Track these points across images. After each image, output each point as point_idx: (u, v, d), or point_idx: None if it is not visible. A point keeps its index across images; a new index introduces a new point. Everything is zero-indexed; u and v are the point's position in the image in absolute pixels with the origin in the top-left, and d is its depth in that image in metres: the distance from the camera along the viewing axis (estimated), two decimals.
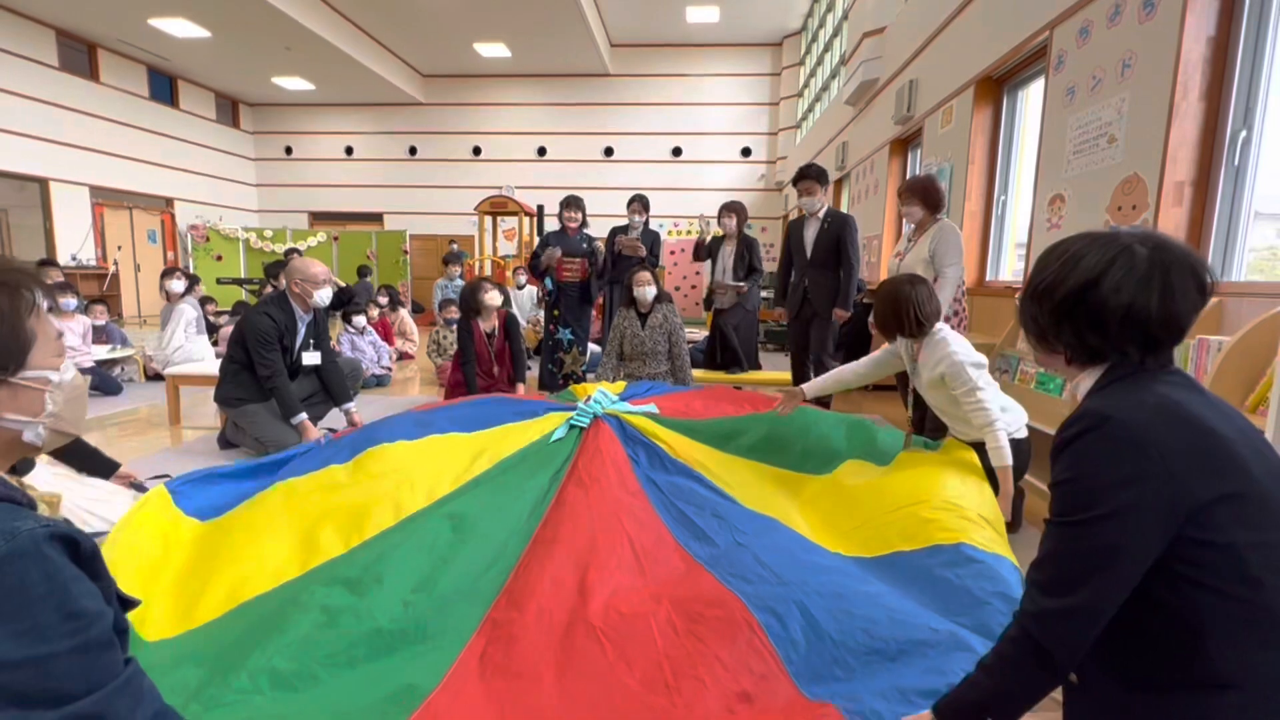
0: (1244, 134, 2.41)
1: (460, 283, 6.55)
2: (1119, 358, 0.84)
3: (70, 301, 4.87)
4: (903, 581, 1.61)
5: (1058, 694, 1.13)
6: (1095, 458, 0.77)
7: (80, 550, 0.67)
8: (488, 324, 4.02)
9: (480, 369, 3.97)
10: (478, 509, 1.92)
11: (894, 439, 2.36)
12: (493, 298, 3.93)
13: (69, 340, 4.69)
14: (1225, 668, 0.72)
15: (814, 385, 2.56)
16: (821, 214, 3.87)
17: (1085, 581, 0.76)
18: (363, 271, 9.54)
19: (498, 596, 1.59)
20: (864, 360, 2.59)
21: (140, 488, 2.25)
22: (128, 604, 0.74)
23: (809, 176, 3.81)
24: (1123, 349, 0.83)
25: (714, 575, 1.65)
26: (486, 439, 2.34)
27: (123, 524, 1.79)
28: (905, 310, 2.18)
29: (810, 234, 3.89)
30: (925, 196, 3.17)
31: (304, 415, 3.09)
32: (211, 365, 4.00)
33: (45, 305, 0.75)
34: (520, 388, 3.98)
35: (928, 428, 2.85)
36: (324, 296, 3.22)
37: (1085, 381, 0.89)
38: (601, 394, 2.69)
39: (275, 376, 3.07)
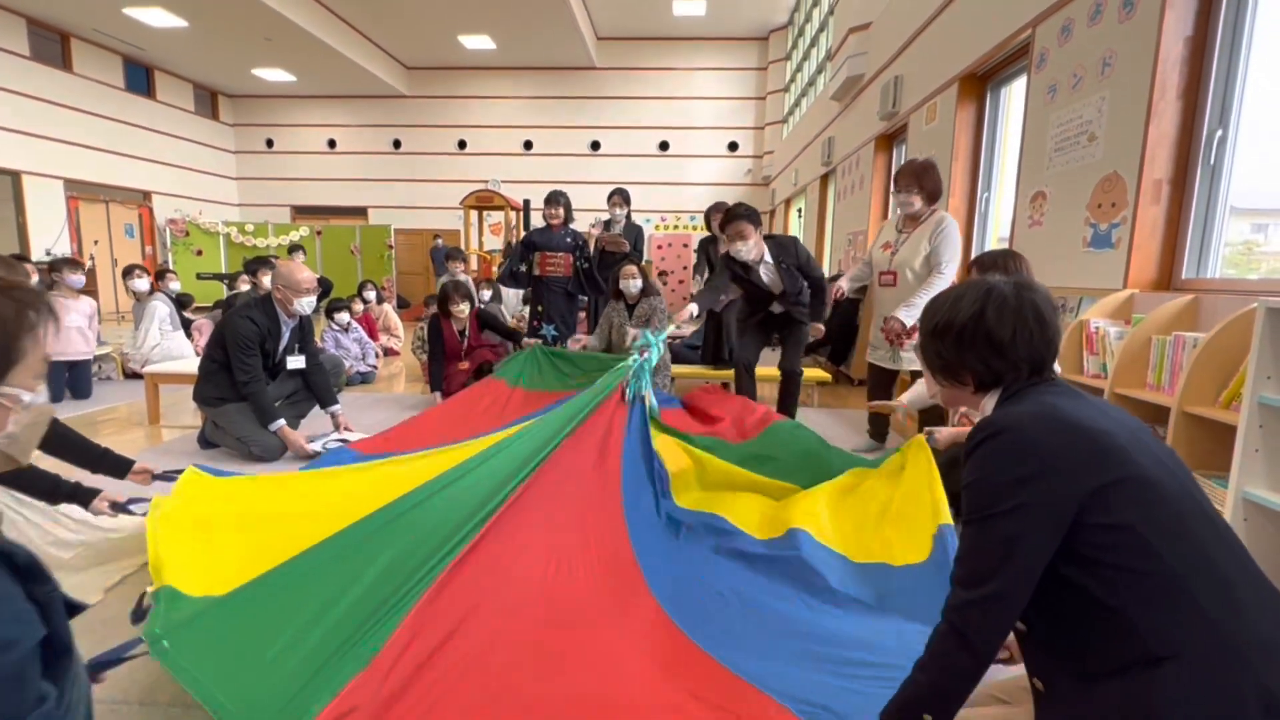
0: (1220, 133, 2.45)
1: (463, 279, 6.44)
2: (1014, 376, 0.99)
3: (77, 279, 4.73)
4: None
5: (1002, 693, 1.16)
6: (993, 462, 0.89)
7: (14, 562, 0.64)
8: (459, 324, 4.29)
9: (450, 361, 4.24)
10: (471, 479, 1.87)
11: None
12: (460, 310, 4.21)
13: (76, 321, 4.58)
14: (1154, 642, 0.79)
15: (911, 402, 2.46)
16: (766, 256, 3.26)
17: (995, 572, 0.86)
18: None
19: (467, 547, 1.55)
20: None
21: (168, 477, 2.19)
22: (73, 609, 0.71)
23: (740, 217, 3.14)
24: (1017, 367, 0.98)
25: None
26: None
27: (163, 500, 1.85)
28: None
29: (768, 277, 3.33)
30: (924, 183, 3.02)
31: (282, 421, 3.05)
32: (192, 363, 3.93)
33: (43, 331, 0.74)
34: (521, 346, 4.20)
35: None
36: (306, 305, 3.16)
37: (988, 404, 1.03)
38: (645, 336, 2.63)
39: (252, 383, 3.02)
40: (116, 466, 2.14)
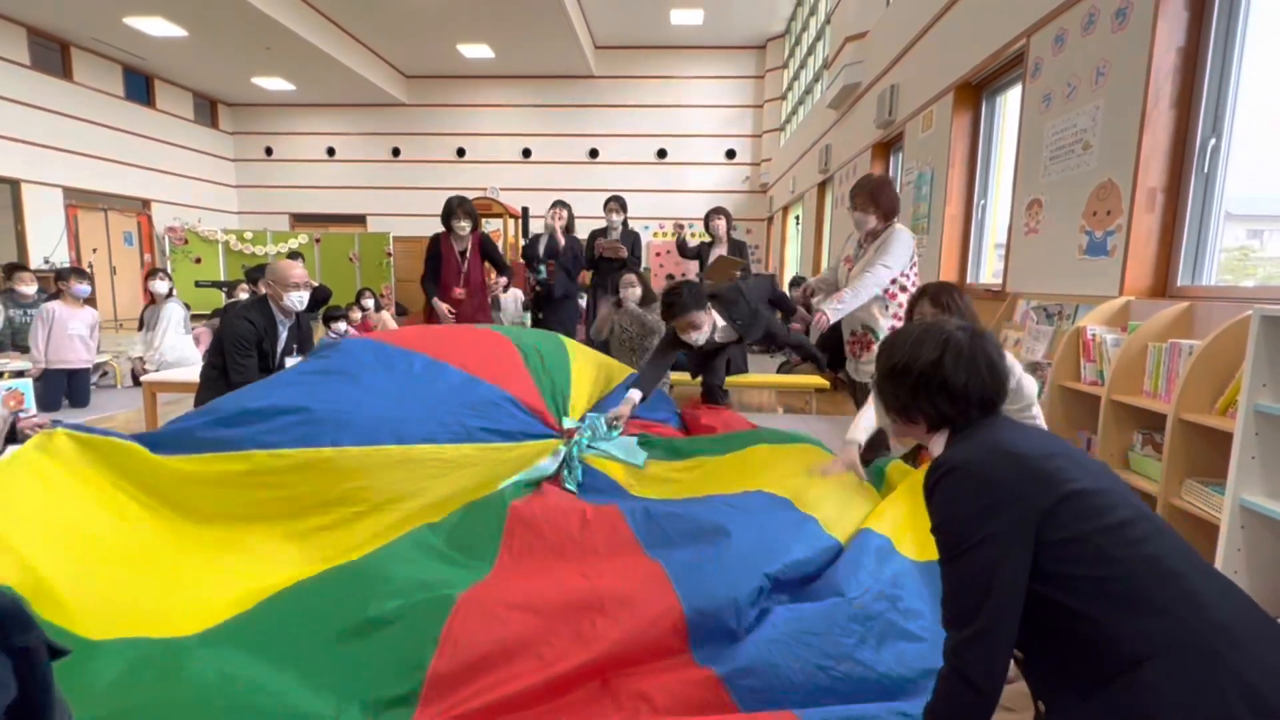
0: (1213, 141, 2.47)
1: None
2: (964, 419, 1.05)
3: (83, 288, 4.71)
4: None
5: (1006, 701, 1.17)
6: (954, 499, 0.95)
7: None
8: (460, 244, 4.08)
9: (446, 281, 4.08)
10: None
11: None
12: (461, 227, 4.04)
13: (78, 330, 4.57)
14: (1129, 643, 0.83)
15: (862, 431, 2.20)
16: (718, 321, 3.06)
17: (980, 607, 0.89)
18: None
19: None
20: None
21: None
22: (57, 654, 0.61)
23: (686, 309, 2.88)
24: (967, 412, 1.05)
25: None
26: (450, 465, 2.15)
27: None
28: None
29: (723, 336, 3.16)
30: (879, 201, 2.88)
31: None
32: (191, 370, 3.94)
33: None
34: (500, 281, 4.28)
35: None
36: (295, 300, 3.14)
37: (937, 443, 1.09)
38: (591, 420, 2.64)
39: (248, 384, 3.01)
40: None
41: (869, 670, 1.38)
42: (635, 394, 2.87)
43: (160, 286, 5.45)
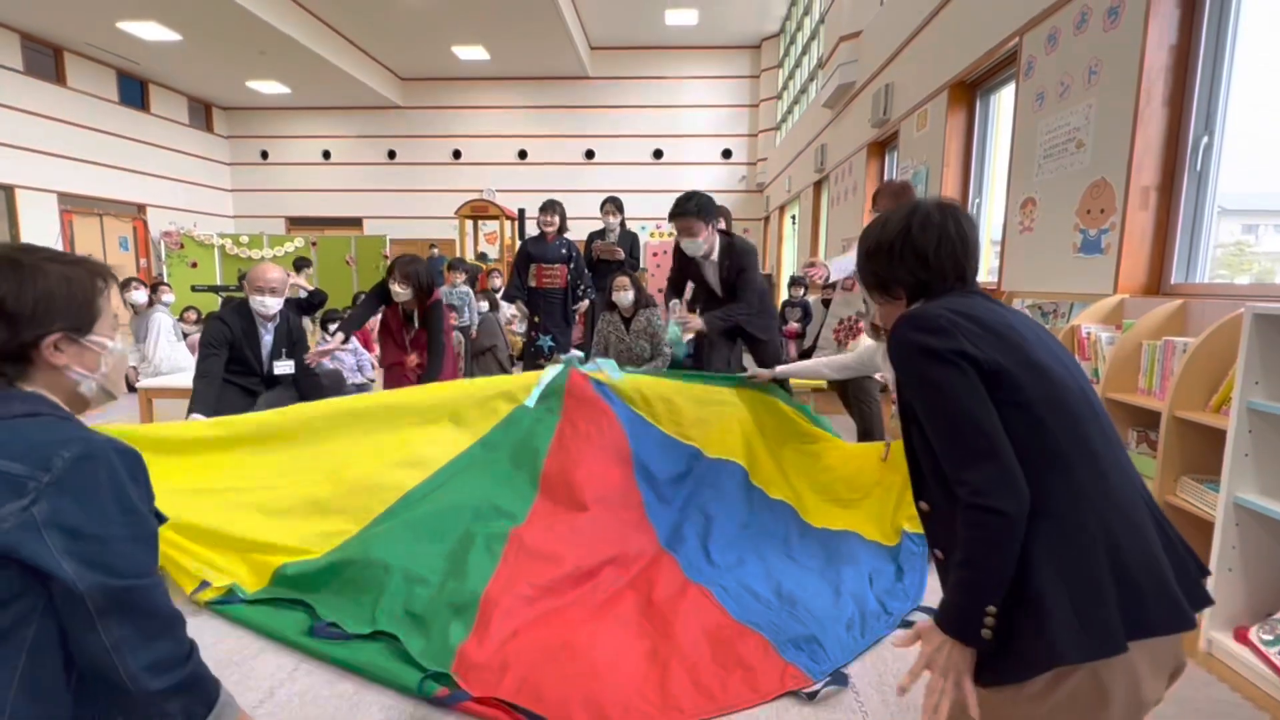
0: (1205, 139, 2.48)
1: (463, 289, 6.20)
2: (940, 286, 1.08)
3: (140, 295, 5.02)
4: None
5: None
6: (910, 343, 0.98)
7: (136, 462, 0.89)
8: (407, 308, 3.54)
9: (392, 347, 3.60)
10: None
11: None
12: (396, 293, 3.45)
13: None
14: (1035, 500, 0.90)
15: (785, 369, 2.77)
16: (714, 255, 3.11)
17: (983, 440, 0.91)
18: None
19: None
20: (844, 357, 2.70)
21: None
22: (159, 518, 0.93)
23: (688, 214, 2.97)
24: (943, 274, 1.07)
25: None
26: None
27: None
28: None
29: (711, 275, 3.24)
30: (903, 202, 3.09)
31: (198, 418, 2.67)
32: (187, 376, 3.92)
33: (110, 291, 1.04)
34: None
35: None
36: (264, 303, 3.03)
37: None
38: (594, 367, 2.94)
39: (198, 379, 2.91)
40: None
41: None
42: (675, 302, 3.33)
43: (137, 296, 5.33)
